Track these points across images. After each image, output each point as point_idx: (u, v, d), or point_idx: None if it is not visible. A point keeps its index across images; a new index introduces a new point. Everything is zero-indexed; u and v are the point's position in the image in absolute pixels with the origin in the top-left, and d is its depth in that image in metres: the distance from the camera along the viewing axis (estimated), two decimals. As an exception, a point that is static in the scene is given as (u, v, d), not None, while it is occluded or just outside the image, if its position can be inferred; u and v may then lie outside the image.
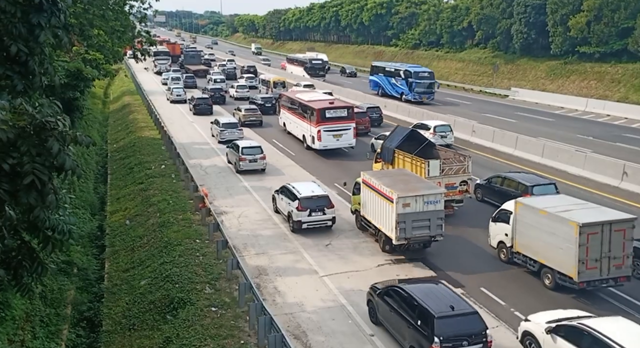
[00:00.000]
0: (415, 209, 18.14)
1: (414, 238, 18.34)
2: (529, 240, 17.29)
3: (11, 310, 13.86)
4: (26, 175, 6.05)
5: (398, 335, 13.65)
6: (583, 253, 15.47)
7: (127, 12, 33.34)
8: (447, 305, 12.62)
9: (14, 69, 7.56)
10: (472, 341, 12.15)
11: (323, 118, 32.79)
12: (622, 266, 15.78)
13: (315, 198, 21.35)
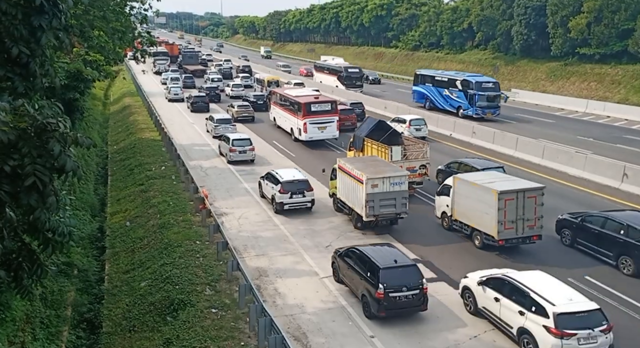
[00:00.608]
0: (382, 189, 20.51)
1: (382, 215, 20.73)
2: (463, 209, 20.38)
3: (11, 312, 13.86)
4: (27, 177, 6.05)
5: (353, 287, 16.27)
6: (502, 216, 18.58)
7: (128, 13, 33.32)
8: (392, 260, 15.40)
9: (15, 71, 7.56)
10: (410, 287, 14.93)
11: (309, 111, 35.47)
12: (534, 227, 19.00)
13: (295, 183, 23.61)
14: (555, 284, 14.03)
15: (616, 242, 18.06)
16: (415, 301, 14.98)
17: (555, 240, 20.25)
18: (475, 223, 19.80)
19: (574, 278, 17.08)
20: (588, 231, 19.18)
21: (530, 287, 13.64)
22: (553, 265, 17.84)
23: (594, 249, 18.93)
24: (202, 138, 39.61)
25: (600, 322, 12.71)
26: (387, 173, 20.89)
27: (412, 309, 15.22)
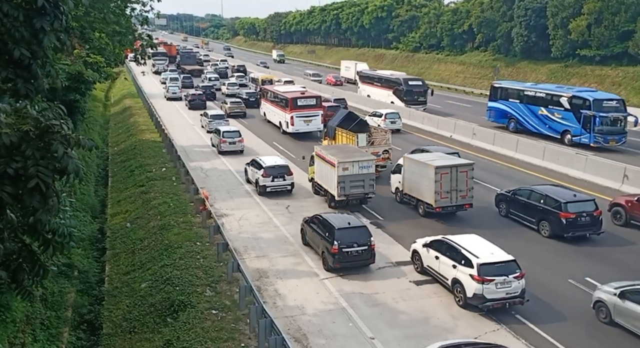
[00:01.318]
0: (352, 172, 23.29)
1: (352, 195, 23.63)
2: (411, 184, 23.95)
3: (11, 313, 13.86)
4: (30, 179, 6.06)
5: (315, 246, 19.36)
6: (438, 187, 22.08)
7: (129, 14, 33.41)
8: (346, 222, 18.53)
9: (18, 73, 7.57)
10: (360, 244, 17.89)
11: (295, 106, 38.73)
12: (465, 196, 22.53)
13: (277, 167, 26.30)
14: (482, 243, 16.87)
15: (537, 209, 21.26)
16: (364, 255, 17.99)
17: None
18: (419, 195, 23.42)
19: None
20: (518, 202, 22.39)
21: (462, 245, 16.54)
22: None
23: (521, 217, 22.17)
24: (202, 139, 39.63)
25: (514, 270, 15.60)
26: (356, 157, 23.77)
27: (362, 262, 18.16)
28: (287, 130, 39.31)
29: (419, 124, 43.81)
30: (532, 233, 21.33)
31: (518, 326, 15.11)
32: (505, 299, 15.46)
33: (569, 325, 15.19)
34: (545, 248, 20.15)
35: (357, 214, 22.64)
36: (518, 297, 15.55)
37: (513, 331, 14.85)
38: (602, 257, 19.30)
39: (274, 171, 26.06)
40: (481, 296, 15.38)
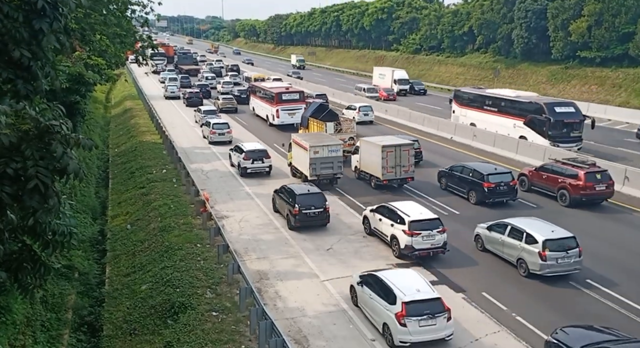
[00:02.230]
0: (322, 155, 26.76)
1: (322, 175, 27.03)
2: (365, 162, 28.03)
3: (12, 315, 13.83)
4: (30, 179, 6.05)
5: (282, 210, 23.16)
6: (384, 163, 26.35)
7: (129, 16, 33.39)
8: (306, 190, 22.39)
9: (18, 74, 7.57)
10: (317, 207, 21.74)
11: (280, 100, 42.58)
12: (408, 171, 26.81)
13: (256, 151, 30.00)
14: (415, 206, 20.49)
15: (467, 181, 25.65)
16: (320, 216, 21.92)
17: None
18: (370, 171, 27.58)
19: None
20: (453, 176, 26.67)
21: (398, 208, 19.98)
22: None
23: (456, 188, 26.51)
24: (203, 141, 39.64)
25: (438, 226, 19.13)
26: (325, 142, 27.43)
27: (318, 222, 22.02)
28: (273, 122, 43.03)
29: (420, 126, 43.83)
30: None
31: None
32: (430, 249, 18.97)
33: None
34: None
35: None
36: (440, 248, 19.14)
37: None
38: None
39: (254, 155, 29.76)
40: (411, 246, 18.79)
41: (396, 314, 13.77)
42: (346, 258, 19.53)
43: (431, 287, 14.69)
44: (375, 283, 15.09)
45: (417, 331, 13.72)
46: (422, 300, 13.93)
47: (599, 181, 24.38)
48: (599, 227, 22.57)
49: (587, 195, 24.15)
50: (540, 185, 26.34)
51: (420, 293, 14.12)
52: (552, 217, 21.66)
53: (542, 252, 17.21)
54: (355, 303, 16.18)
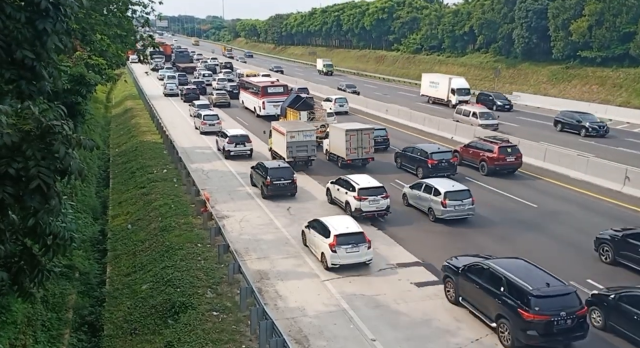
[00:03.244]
0: (298, 139, 30.27)
1: (298, 157, 30.49)
2: (333, 145, 32.20)
3: (12, 315, 13.85)
4: (32, 179, 6.05)
5: (257, 183, 27.17)
6: (348, 145, 30.36)
7: (130, 16, 33.43)
8: (277, 165, 26.60)
9: (21, 74, 7.58)
10: (286, 179, 25.71)
11: (266, 93, 46.78)
12: (368, 152, 30.82)
13: (239, 136, 34.05)
14: (366, 178, 24.16)
15: (415, 159, 29.74)
16: (289, 187, 25.91)
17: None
18: (337, 152, 31.70)
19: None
20: (405, 156, 30.79)
21: (352, 179, 23.84)
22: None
23: (408, 167, 30.41)
24: (203, 141, 39.66)
25: (382, 193, 22.85)
26: (300, 128, 31.17)
27: (287, 191, 25.98)
28: (260, 113, 47.17)
29: (420, 126, 43.83)
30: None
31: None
32: (375, 211, 22.85)
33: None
34: None
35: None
36: (384, 211, 22.97)
37: None
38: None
39: (237, 139, 33.83)
40: (359, 209, 22.59)
41: (329, 244, 18.13)
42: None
43: (357, 225, 19.16)
44: (317, 225, 19.41)
45: (345, 256, 18.12)
46: (348, 234, 18.35)
47: (509, 154, 29.72)
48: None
49: (500, 165, 29.64)
50: (468, 159, 31.18)
51: (348, 229, 18.62)
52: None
53: (443, 201, 22.40)
54: (304, 243, 20.40)
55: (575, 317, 13.38)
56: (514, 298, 13.69)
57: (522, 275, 14.09)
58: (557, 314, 13.23)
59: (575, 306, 13.50)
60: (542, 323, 13.23)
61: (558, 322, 13.26)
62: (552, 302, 13.43)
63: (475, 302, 15.21)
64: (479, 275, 15.08)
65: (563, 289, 13.81)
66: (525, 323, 13.33)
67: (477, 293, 15.05)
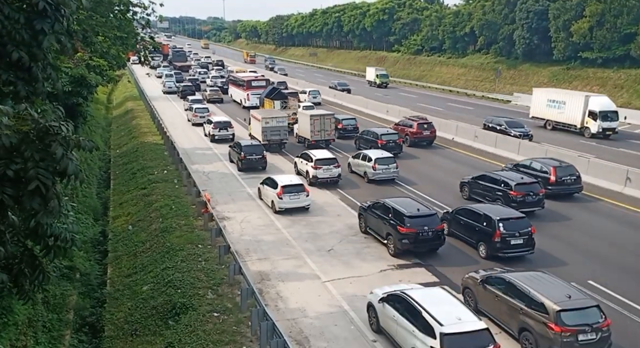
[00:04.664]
0: (272, 125, 35.46)
1: (272, 140, 35.53)
2: (301, 129, 37.49)
3: (13, 316, 13.85)
4: (30, 181, 6.04)
5: (234, 159, 32.69)
6: (312, 128, 35.56)
7: (131, 18, 33.43)
8: (250, 143, 32.34)
9: (18, 75, 7.56)
10: (257, 154, 31.11)
11: (250, 86, 52.98)
12: (330, 134, 36.23)
13: (222, 122, 40.00)
14: (323, 152, 29.74)
15: (369, 140, 34.61)
16: (260, 161, 30.99)
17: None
18: (304, 135, 36.56)
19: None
20: (363, 138, 35.77)
21: (311, 152, 29.04)
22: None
23: (362, 146, 34.70)
24: (204, 142, 39.70)
25: (334, 163, 28.28)
26: (274, 115, 36.46)
27: (259, 165, 30.98)
28: (245, 104, 52.11)
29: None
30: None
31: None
32: (328, 178, 27.82)
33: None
34: None
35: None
36: (336, 177, 28.08)
37: None
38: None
39: (220, 125, 39.48)
40: (315, 176, 27.70)
41: (277, 193, 23.91)
42: (347, 260, 19.51)
43: (299, 179, 25.63)
44: (269, 181, 25.07)
45: (289, 202, 23.85)
46: (291, 185, 24.16)
47: (425, 129, 37.75)
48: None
49: (418, 138, 37.53)
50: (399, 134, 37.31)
51: (292, 181, 24.62)
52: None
53: (374, 165, 28.44)
54: (260, 197, 26.13)
55: (434, 231, 19.28)
56: (396, 220, 19.41)
57: (403, 205, 20.15)
58: (422, 228, 19.05)
59: (435, 223, 19.45)
60: (412, 234, 18.97)
61: (422, 234, 19.09)
62: (418, 221, 19.14)
63: (375, 228, 20.83)
64: (378, 208, 20.69)
65: (427, 212, 19.87)
66: (401, 235, 19.12)
67: (375, 221, 20.71)
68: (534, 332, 13.19)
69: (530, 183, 23.54)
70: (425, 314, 12.49)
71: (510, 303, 14.10)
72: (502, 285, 14.60)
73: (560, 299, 13.19)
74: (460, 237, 20.56)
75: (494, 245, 18.76)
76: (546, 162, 26.99)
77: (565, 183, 25.72)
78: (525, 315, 13.52)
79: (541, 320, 13.08)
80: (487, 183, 24.55)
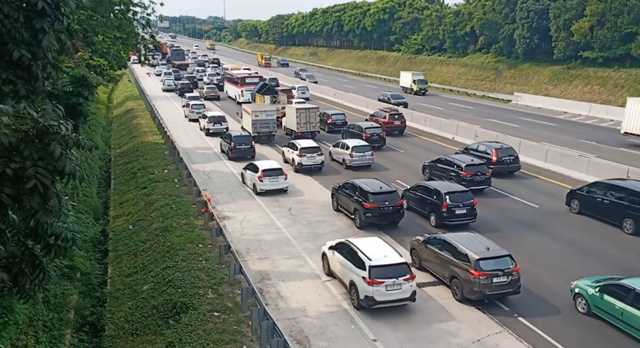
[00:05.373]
0: (261, 118, 37.84)
1: (261, 132, 37.83)
2: (288, 121, 39.72)
3: (14, 315, 13.86)
4: (29, 179, 6.04)
5: (225, 149, 34.83)
6: (298, 120, 38.01)
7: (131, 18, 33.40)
8: (240, 134, 35.12)
9: (18, 74, 7.56)
10: (246, 144, 33.66)
11: (244, 82, 56.18)
12: (315, 126, 38.55)
13: (216, 117, 42.10)
14: (308, 141, 32.27)
15: (355, 134, 36.58)
16: (248, 150, 33.25)
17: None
18: (291, 127, 38.90)
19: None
20: (349, 132, 37.74)
21: (297, 142, 31.47)
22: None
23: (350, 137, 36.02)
24: (205, 142, 39.70)
25: (318, 151, 30.70)
26: (263, 108, 39.07)
27: (247, 154, 33.04)
28: (240, 100, 54.77)
29: (422, 126, 43.82)
30: None
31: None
32: (312, 165, 30.50)
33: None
34: None
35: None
36: (319, 164, 30.56)
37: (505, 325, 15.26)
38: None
39: (214, 119, 41.60)
40: (300, 163, 30.36)
41: (258, 176, 26.44)
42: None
43: (278, 164, 27.76)
44: (250, 166, 27.59)
45: (268, 184, 26.46)
46: (271, 169, 26.71)
47: (396, 119, 41.49)
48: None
49: (390, 127, 40.53)
50: None
51: (271, 166, 27.01)
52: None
53: (350, 153, 30.99)
54: (243, 182, 28.51)
55: (394, 206, 21.96)
56: (361, 197, 22.01)
57: (368, 184, 22.63)
58: (383, 203, 21.69)
59: (396, 198, 22.19)
60: (375, 209, 21.60)
61: (384, 209, 21.73)
62: (380, 197, 21.75)
63: (345, 205, 23.48)
64: (348, 188, 23.41)
65: (388, 189, 22.40)
66: (365, 210, 21.72)
67: (345, 199, 23.38)
68: (460, 278, 16.22)
69: (478, 165, 26.85)
70: (360, 254, 16.08)
71: (444, 257, 17.10)
72: (439, 243, 17.56)
73: (480, 251, 16.23)
74: (416, 209, 23.67)
75: (442, 215, 22.00)
76: (490, 144, 30.85)
77: (505, 162, 29.57)
78: (454, 265, 16.53)
79: (465, 268, 16.09)
80: (443, 165, 27.77)
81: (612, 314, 14.83)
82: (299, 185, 28.28)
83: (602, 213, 22.58)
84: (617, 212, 21.85)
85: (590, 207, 23.17)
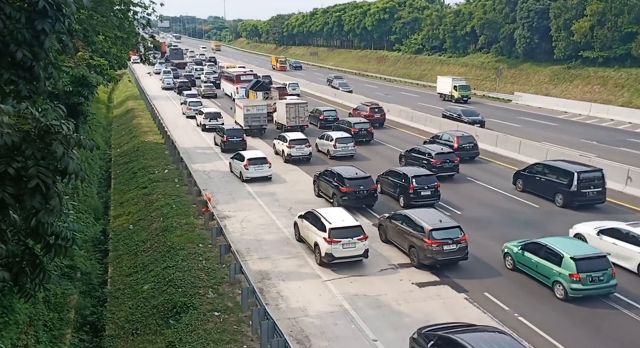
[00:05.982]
0: (253, 112, 40.07)
1: (253, 126, 40.00)
2: (279, 116, 41.94)
3: (15, 315, 13.87)
4: (31, 179, 6.05)
5: (218, 142, 36.87)
6: (288, 115, 40.31)
7: (132, 18, 33.40)
8: (233, 127, 37.87)
9: (20, 74, 7.58)
10: (238, 137, 35.77)
11: (239, 80, 57.52)
12: (303, 121, 40.84)
13: (212, 113, 43.96)
14: (296, 134, 34.57)
15: (345, 129, 37.61)
16: (240, 143, 35.00)
17: None
18: (281, 121, 41.23)
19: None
20: (339, 127, 38.85)
21: (286, 135, 33.89)
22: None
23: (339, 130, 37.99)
24: (205, 141, 39.70)
25: (306, 143, 32.85)
26: (255, 103, 41.67)
27: (239, 146, 34.46)
28: (235, 97, 54.87)
29: (422, 126, 43.79)
30: None
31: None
32: (301, 156, 32.73)
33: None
34: None
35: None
36: (307, 156, 32.88)
37: None
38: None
39: (211, 115, 43.43)
40: (290, 154, 32.59)
41: (244, 165, 28.55)
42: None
43: (263, 154, 30.06)
44: (237, 156, 29.76)
45: (254, 172, 28.47)
46: (256, 158, 28.86)
47: (376, 113, 44.54)
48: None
49: (370, 120, 41.98)
50: None
51: (256, 155, 29.41)
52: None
53: (334, 144, 33.44)
54: (231, 171, 30.47)
55: (368, 190, 24.16)
56: (339, 182, 24.27)
57: (345, 170, 25.02)
58: (358, 188, 23.90)
59: (370, 183, 24.38)
60: (351, 193, 23.85)
61: (359, 193, 23.96)
62: (356, 182, 23.97)
63: (325, 190, 25.54)
64: (327, 174, 25.44)
65: (363, 175, 24.55)
66: (342, 193, 23.90)
67: (325, 185, 25.37)
68: (417, 246, 18.50)
69: (447, 153, 29.51)
70: (323, 219, 18.92)
71: (404, 229, 19.32)
72: (401, 218, 19.81)
73: (433, 222, 18.64)
74: (388, 192, 26.02)
75: (409, 196, 24.38)
76: (452, 133, 34.52)
77: (465, 149, 32.75)
78: (412, 236, 18.76)
79: (420, 237, 18.34)
80: (416, 154, 30.32)
81: (530, 267, 17.82)
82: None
83: (540, 190, 25.94)
84: (551, 188, 25.27)
85: (531, 185, 26.53)
